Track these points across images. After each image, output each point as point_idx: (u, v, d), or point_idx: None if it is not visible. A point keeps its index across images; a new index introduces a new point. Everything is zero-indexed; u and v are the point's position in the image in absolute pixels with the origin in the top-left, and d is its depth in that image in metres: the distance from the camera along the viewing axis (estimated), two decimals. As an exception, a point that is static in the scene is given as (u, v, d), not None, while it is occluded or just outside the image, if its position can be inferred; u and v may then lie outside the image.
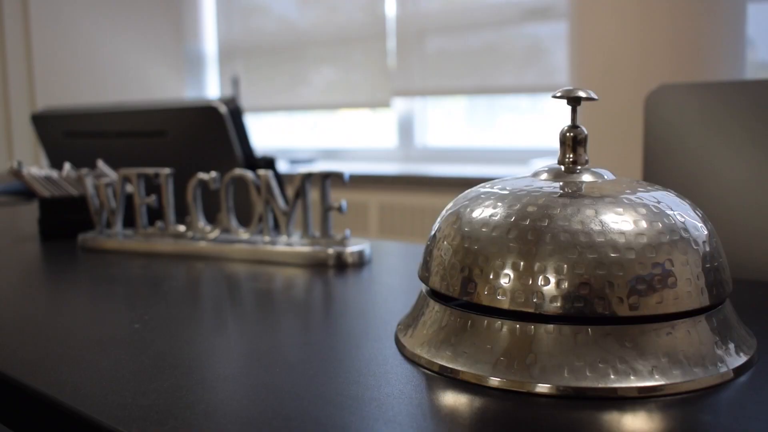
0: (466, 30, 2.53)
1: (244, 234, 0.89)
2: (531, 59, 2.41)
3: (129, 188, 0.99)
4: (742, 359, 0.46)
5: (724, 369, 0.44)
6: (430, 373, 0.47)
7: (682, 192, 0.52)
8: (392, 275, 0.82)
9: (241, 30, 3.18)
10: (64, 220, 1.06)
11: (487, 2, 2.46)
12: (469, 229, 0.48)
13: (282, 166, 2.55)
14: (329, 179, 0.84)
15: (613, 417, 0.40)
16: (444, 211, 0.53)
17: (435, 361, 0.47)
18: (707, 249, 0.46)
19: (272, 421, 0.40)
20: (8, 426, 0.50)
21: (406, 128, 2.76)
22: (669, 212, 0.46)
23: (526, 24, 2.39)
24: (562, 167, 0.51)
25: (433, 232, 0.53)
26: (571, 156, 0.51)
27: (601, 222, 0.44)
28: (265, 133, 3.21)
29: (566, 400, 0.41)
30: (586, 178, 0.50)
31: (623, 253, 0.43)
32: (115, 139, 1.26)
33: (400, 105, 2.75)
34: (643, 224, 0.45)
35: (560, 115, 2.17)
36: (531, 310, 0.44)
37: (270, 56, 3.09)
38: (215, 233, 0.91)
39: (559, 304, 0.43)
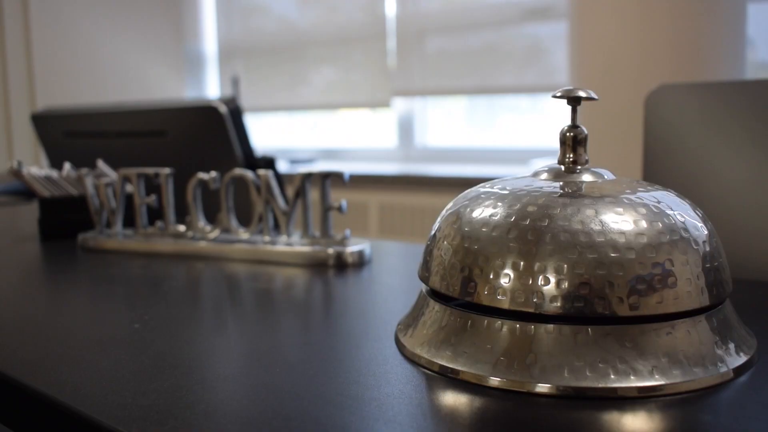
0: (466, 30, 2.53)
1: (244, 234, 0.89)
2: (531, 59, 2.41)
3: (129, 188, 0.99)
4: (742, 359, 0.46)
5: (724, 369, 0.44)
6: (430, 373, 0.47)
7: (682, 192, 0.52)
8: (392, 275, 0.82)
9: (241, 30, 3.18)
10: (64, 220, 1.06)
11: (487, 2, 2.46)
12: (469, 228, 0.48)
13: (282, 166, 2.55)
14: (329, 179, 0.84)
15: (613, 417, 0.40)
16: (444, 211, 0.53)
17: (435, 361, 0.47)
18: (707, 249, 0.46)
19: (272, 421, 0.40)
20: (8, 426, 0.50)
21: (406, 128, 2.76)
22: (669, 212, 0.46)
23: (526, 24, 2.39)
24: (562, 167, 0.51)
25: (433, 232, 0.53)
26: (571, 156, 0.51)
27: (601, 222, 0.44)
28: (265, 133, 3.21)
29: (566, 400, 0.41)
30: (586, 177, 0.50)
31: (623, 252, 0.43)
32: (115, 139, 1.26)
33: (400, 105, 2.75)
34: (643, 224, 0.45)
35: (560, 115, 2.17)
36: (531, 310, 0.44)
37: (270, 56, 3.09)
38: (215, 233, 0.91)
39: (559, 304, 0.43)
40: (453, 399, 0.43)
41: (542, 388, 0.42)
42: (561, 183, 0.49)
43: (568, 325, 0.43)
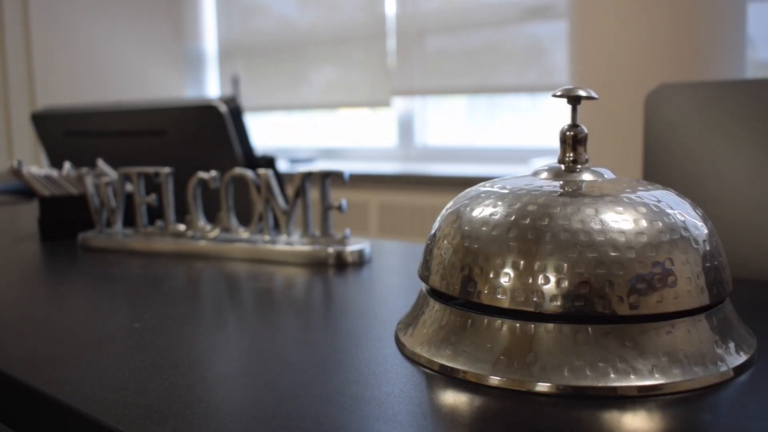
0: (466, 30, 2.53)
1: (244, 233, 0.89)
2: (531, 59, 2.41)
3: (129, 187, 0.99)
4: (742, 358, 0.46)
5: (724, 368, 0.44)
6: (430, 372, 0.47)
7: (682, 191, 0.52)
8: (392, 274, 0.82)
9: (241, 30, 3.18)
10: (64, 219, 1.06)
11: (487, 2, 2.46)
12: (470, 228, 0.48)
13: (282, 166, 2.55)
14: (329, 178, 0.84)
15: (613, 416, 0.40)
16: (444, 210, 0.53)
17: (435, 360, 0.47)
18: (707, 248, 0.46)
19: (272, 421, 0.40)
20: (8, 426, 0.50)
21: (406, 128, 2.76)
22: (669, 211, 0.46)
23: (526, 24, 2.39)
24: (563, 166, 0.51)
25: (433, 231, 0.53)
26: (572, 155, 0.51)
27: (601, 221, 0.44)
28: (265, 132, 3.21)
29: (566, 399, 0.41)
30: (586, 177, 0.50)
31: (623, 252, 0.43)
32: (115, 138, 1.26)
33: (400, 104, 2.75)
34: (643, 223, 0.45)
35: (560, 114, 2.17)
36: (531, 309, 0.44)
37: (270, 56, 3.09)
38: (215, 232, 0.91)
39: (559, 303, 0.43)
40: (453, 398, 0.43)
41: (542, 387, 0.42)
42: (561, 182, 0.49)
43: (568, 325, 0.43)
